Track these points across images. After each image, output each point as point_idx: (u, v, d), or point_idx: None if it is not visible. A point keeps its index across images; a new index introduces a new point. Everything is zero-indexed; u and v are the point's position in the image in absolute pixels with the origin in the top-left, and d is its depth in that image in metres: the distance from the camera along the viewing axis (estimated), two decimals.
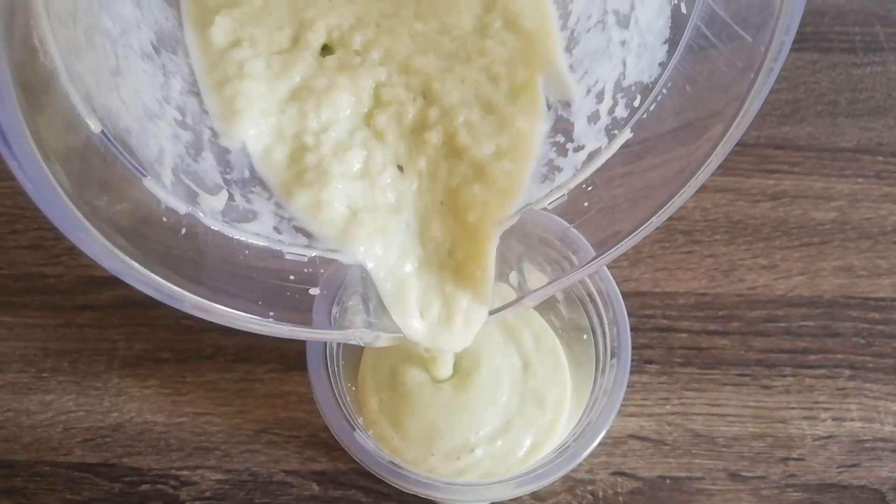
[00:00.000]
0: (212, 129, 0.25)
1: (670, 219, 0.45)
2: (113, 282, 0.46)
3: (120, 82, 0.23)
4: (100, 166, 0.22)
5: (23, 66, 0.19)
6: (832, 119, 0.50)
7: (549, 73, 0.27)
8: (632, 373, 0.40)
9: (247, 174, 0.26)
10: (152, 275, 0.22)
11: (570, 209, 0.28)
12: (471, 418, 0.31)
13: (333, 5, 0.27)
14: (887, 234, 0.46)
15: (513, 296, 0.29)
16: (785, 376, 0.42)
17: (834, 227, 0.46)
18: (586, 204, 0.28)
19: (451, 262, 0.27)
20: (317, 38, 0.27)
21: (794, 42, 0.59)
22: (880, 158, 0.48)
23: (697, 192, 0.48)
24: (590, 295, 0.32)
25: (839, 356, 0.42)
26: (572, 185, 0.27)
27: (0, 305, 0.43)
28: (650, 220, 0.26)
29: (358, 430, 0.28)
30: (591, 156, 0.27)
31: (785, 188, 0.47)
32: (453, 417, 0.31)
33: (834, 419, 0.41)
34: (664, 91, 0.26)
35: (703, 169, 0.25)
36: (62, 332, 0.42)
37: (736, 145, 0.53)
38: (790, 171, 0.48)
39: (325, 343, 0.30)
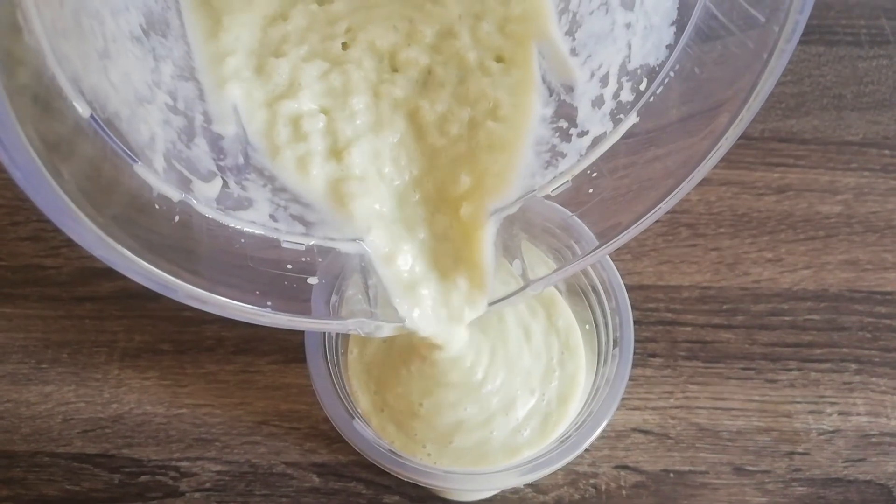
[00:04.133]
0: (204, 113, 0.25)
1: (674, 212, 0.46)
2: (113, 273, 0.46)
3: (108, 65, 0.22)
4: (89, 152, 0.21)
5: (7, 46, 0.18)
6: (838, 112, 0.49)
7: (547, 50, 0.26)
8: (635, 366, 0.40)
9: (241, 161, 0.26)
10: (145, 264, 0.21)
11: (575, 196, 0.27)
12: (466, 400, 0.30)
13: None
14: (894, 228, 0.45)
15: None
16: (790, 370, 0.41)
17: (840, 220, 0.46)
18: (591, 191, 0.27)
19: (449, 250, 0.27)
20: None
21: (800, 35, 0.58)
22: (886, 152, 0.48)
23: (701, 185, 0.48)
24: (592, 285, 0.31)
25: (845, 350, 0.42)
26: (576, 171, 0.27)
27: (0, 297, 0.43)
28: (658, 207, 0.25)
29: (357, 418, 0.27)
30: (596, 141, 0.27)
31: (790, 181, 0.47)
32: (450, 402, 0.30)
33: (840, 413, 0.40)
34: (671, 74, 0.25)
35: (713, 152, 0.24)
36: (62, 323, 0.42)
37: (741, 138, 0.52)
38: (795, 164, 0.48)
39: (324, 332, 0.30)
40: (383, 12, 0.27)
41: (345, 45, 0.26)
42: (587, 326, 0.32)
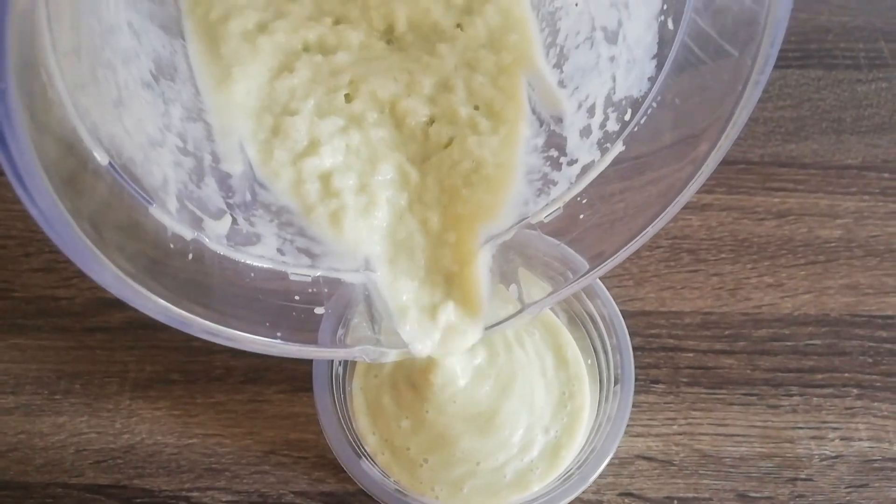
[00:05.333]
0: (212, 153, 0.26)
1: (675, 238, 0.46)
2: (124, 304, 0.46)
3: (123, 112, 0.23)
4: (108, 196, 0.22)
5: (33, 102, 0.19)
6: (837, 136, 0.50)
7: (536, 82, 0.27)
8: (638, 393, 0.40)
9: (248, 198, 0.27)
10: (163, 301, 0.23)
11: (567, 222, 0.28)
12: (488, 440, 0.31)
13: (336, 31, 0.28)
14: (894, 252, 0.46)
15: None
16: (792, 395, 0.42)
17: (840, 244, 0.46)
18: (582, 217, 0.28)
19: (447, 276, 0.28)
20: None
21: (799, 59, 0.59)
22: (886, 175, 0.48)
23: (702, 210, 0.49)
24: (593, 321, 0.32)
25: (846, 375, 0.42)
26: (567, 198, 0.28)
27: (13, 328, 0.44)
28: (645, 232, 0.26)
29: (364, 457, 0.28)
30: (585, 169, 0.28)
31: (790, 206, 0.47)
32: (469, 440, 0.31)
33: (842, 439, 0.41)
34: (654, 105, 0.26)
35: (695, 179, 0.25)
36: (74, 354, 0.43)
37: (741, 163, 0.53)
38: (795, 188, 0.48)
39: (331, 370, 0.30)
40: (384, 64, 0.28)
41: (348, 97, 0.27)
42: (589, 361, 0.33)
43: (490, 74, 0.28)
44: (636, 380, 0.31)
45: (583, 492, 0.39)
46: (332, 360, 0.31)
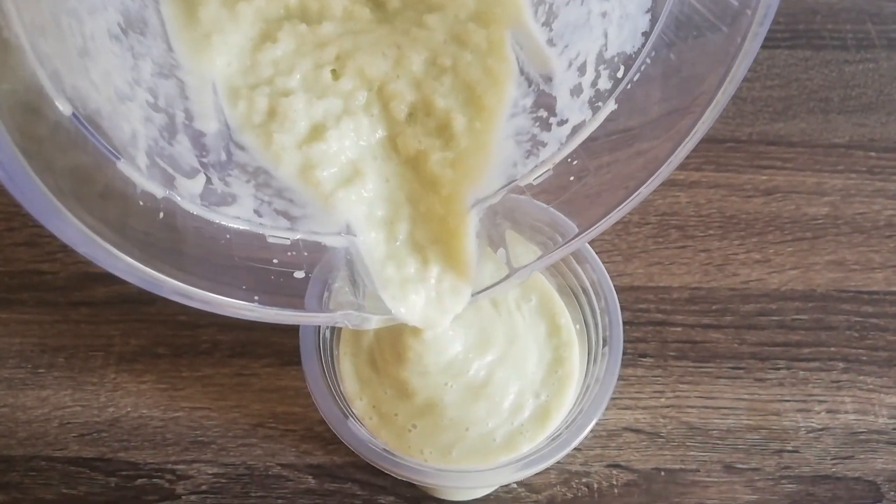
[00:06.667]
0: (186, 111, 0.25)
1: (664, 214, 0.46)
2: (108, 278, 0.46)
3: (89, 63, 0.22)
4: (72, 150, 0.21)
5: None
6: (824, 115, 0.50)
7: (525, 41, 0.27)
8: (626, 366, 0.40)
9: (223, 157, 0.25)
10: (130, 259, 0.22)
11: (556, 184, 0.28)
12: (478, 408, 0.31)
13: None
14: (880, 229, 0.46)
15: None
16: (779, 369, 0.42)
17: (827, 221, 0.46)
18: (572, 178, 0.28)
19: (433, 241, 0.27)
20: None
21: (787, 39, 0.59)
22: (872, 154, 0.49)
23: (691, 187, 0.49)
24: (582, 286, 0.32)
25: (833, 349, 0.42)
26: (557, 159, 0.27)
27: None
28: (638, 191, 0.26)
29: (352, 418, 0.28)
30: (576, 129, 0.27)
31: (778, 183, 0.48)
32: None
33: (828, 411, 0.41)
34: (648, 61, 0.25)
35: (693, 133, 0.24)
36: (58, 327, 0.43)
37: (729, 142, 0.53)
38: (783, 166, 0.48)
39: (319, 334, 0.30)
40: (371, 38, 0.27)
41: (334, 73, 0.27)
42: (577, 326, 0.33)
43: (479, 52, 0.27)
44: (624, 353, 0.31)
45: (571, 463, 0.39)
46: (320, 324, 0.30)
